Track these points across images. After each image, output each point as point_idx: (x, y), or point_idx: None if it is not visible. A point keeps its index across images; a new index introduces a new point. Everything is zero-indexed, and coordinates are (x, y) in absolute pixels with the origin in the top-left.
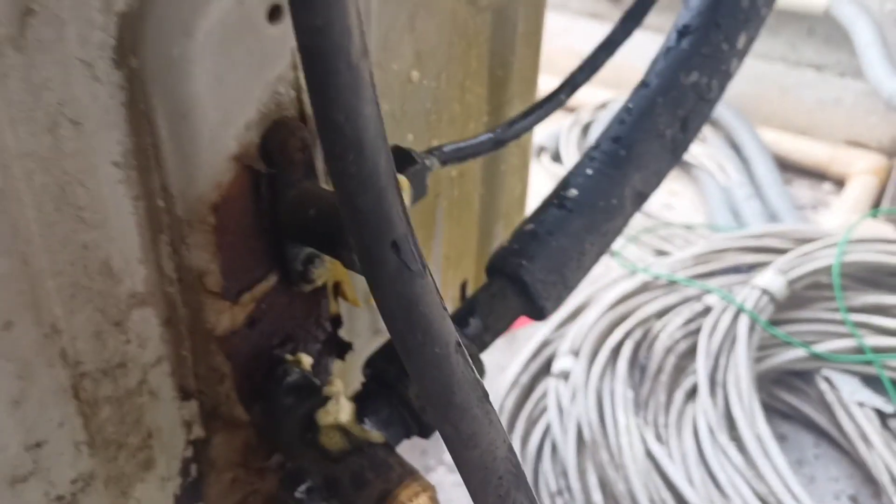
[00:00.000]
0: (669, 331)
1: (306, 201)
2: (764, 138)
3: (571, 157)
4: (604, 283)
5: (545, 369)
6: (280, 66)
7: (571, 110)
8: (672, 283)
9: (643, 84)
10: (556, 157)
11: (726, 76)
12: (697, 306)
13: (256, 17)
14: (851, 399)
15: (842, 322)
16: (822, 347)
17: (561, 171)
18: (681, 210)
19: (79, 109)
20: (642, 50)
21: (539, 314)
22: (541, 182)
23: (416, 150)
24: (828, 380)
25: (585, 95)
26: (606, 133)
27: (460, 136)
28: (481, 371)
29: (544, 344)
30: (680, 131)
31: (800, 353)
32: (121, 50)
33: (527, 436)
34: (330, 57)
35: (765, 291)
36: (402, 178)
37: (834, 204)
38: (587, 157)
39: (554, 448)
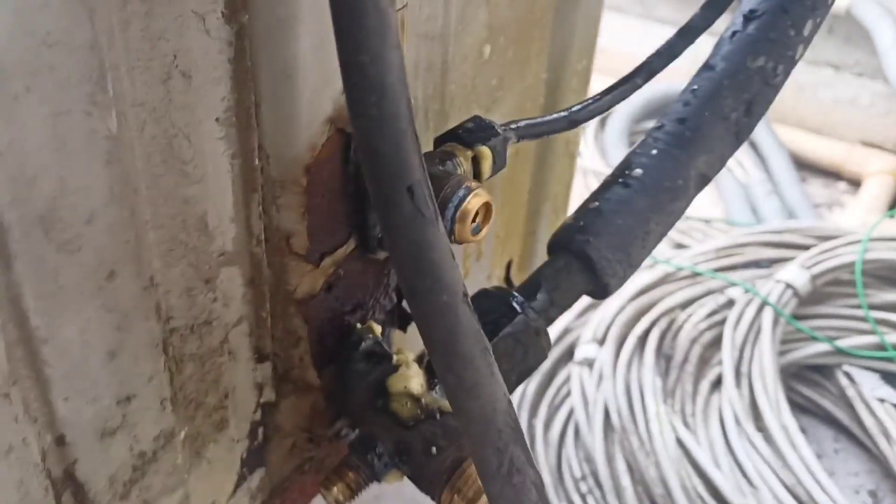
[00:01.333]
0: (694, 321)
1: None
2: (779, 136)
3: (588, 147)
4: None
5: (567, 356)
6: None
7: None
8: (695, 275)
9: (708, 66)
10: None
11: (791, 62)
12: (721, 298)
13: None
14: (872, 395)
15: (863, 318)
16: (844, 343)
17: (578, 161)
18: (697, 204)
19: (190, 62)
20: (648, 42)
21: (603, 291)
22: None
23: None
24: (848, 375)
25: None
26: (671, 114)
27: (518, 115)
28: (548, 345)
29: (565, 332)
30: (744, 115)
31: (821, 347)
32: (232, 5)
33: (549, 421)
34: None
35: (788, 285)
36: (485, 149)
37: (849, 203)
38: (651, 138)
39: (577, 434)
